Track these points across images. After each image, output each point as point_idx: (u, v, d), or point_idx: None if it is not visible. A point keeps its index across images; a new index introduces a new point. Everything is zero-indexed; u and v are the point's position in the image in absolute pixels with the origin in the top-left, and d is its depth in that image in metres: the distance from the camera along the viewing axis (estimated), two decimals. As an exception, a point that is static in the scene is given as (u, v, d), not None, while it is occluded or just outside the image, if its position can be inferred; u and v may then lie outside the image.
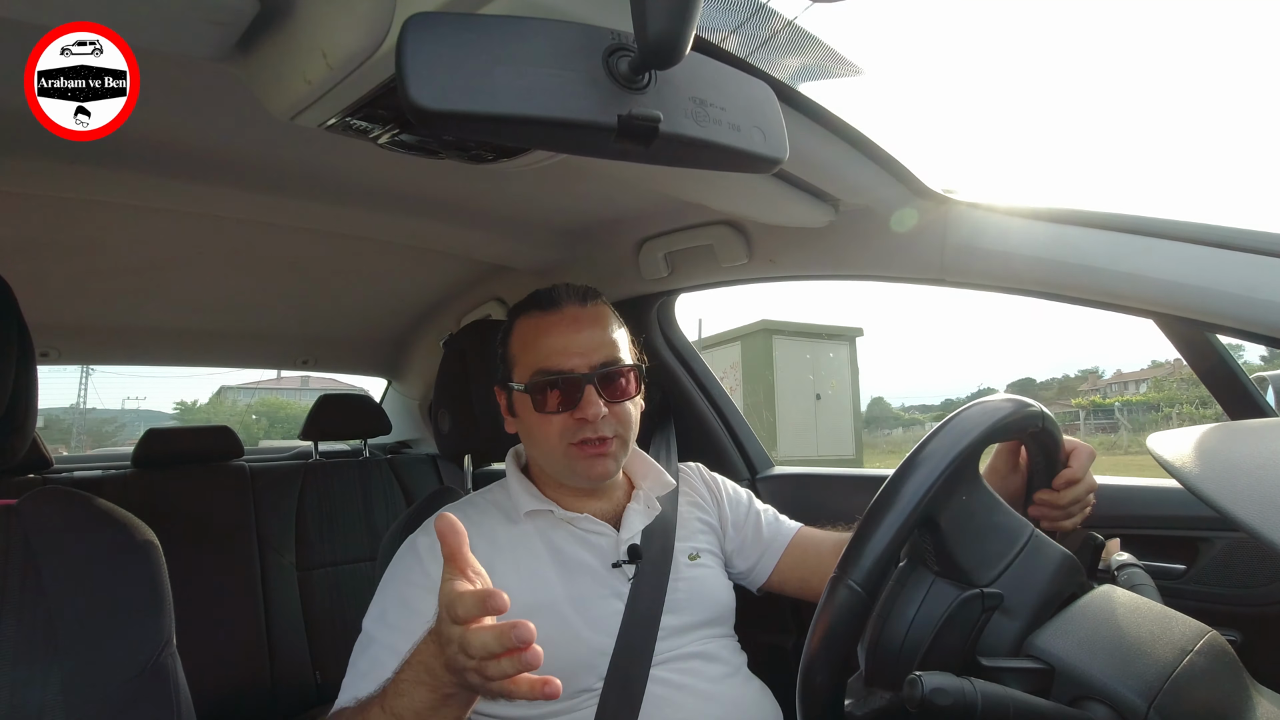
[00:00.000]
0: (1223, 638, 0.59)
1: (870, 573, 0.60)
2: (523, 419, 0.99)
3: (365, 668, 0.83)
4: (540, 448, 0.98)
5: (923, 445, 0.66)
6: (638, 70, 0.51)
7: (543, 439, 0.96)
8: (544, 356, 0.95)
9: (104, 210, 1.22)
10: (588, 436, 0.93)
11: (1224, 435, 0.59)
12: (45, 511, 0.80)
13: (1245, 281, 0.81)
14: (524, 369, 0.97)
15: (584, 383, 0.93)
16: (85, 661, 0.74)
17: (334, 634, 1.93)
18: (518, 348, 1.00)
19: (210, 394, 29.59)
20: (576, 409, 0.93)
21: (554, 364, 0.94)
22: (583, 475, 0.96)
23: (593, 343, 0.96)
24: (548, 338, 0.96)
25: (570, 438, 0.94)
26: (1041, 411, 0.74)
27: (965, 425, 0.67)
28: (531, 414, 0.96)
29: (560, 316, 0.97)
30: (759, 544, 1.12)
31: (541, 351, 0.96)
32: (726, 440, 1.62)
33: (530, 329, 0.99)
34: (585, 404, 0.92)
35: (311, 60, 0.64)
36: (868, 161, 0.98)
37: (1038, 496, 0.82)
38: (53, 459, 1.92)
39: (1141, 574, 0.73)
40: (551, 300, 0.99)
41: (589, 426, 0.93)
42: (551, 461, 0.98)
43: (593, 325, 0.98)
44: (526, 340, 0.98)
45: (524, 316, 1.01)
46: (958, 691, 0.50)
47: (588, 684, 0.92)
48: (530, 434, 0.99)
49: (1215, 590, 0.98)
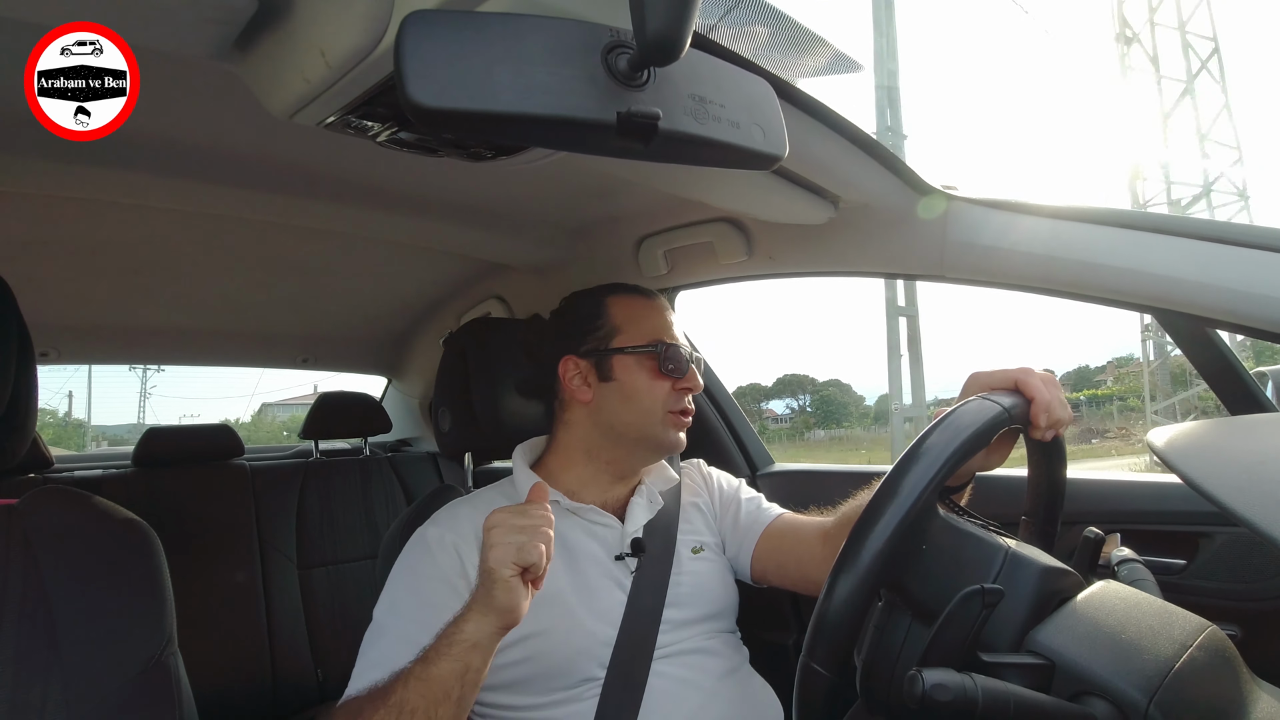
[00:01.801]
0: (1223, 633, 0.59)
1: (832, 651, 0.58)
2: (625, 382, 1.03)
3: (377, 657, 0.84)
4: (641, 409, 1.03)
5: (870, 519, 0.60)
6: (637, 68, 0.51)
7: (650, 400, 1.03)
8: (659, 330, 1.05)
9: (103, 210, 1.22)
10: (686, 407, 1.04)
11: (1224, 430, 0.59)
12: (46, 511, 0.80)
13: (1245, 276, 0.81)
14: (638, 336, 1.04)
15: (690, 359, 1.04)
16: (86, 660, 0.75)
17: (335, 632, 1.93)
18: (622, 318, 1.06)
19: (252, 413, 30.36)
20: (683, 379, 1.03)
21: (671, 337, 1.05)
22: (672, 439, 1.04)
23: (681, 333, 1.09)
24: (657, 317, 1.07)
25: (672, 405, 1.03)
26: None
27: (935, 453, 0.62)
28: (646, 375, 1.03)
29: (659, 305, 1.10)
30: (737, 532, 1.12)
31: (655, 325, 1.06)
32: (727, 437, 1.62)
33: (636, 306, 1.08)
34: (691, 376, 1.04)
35: (310, 58, 0.64)
36: (868, 158, 0.98)
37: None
38: (53, 458, 1.93)
39: (1141, 569, 0.73)
40: (644, 290, 1.11)
41: (688, 396, 1.04)
42: (650, 423, 1.03)
43: (676, 320, 1.10)
44: (634, 314, 1.07)
45: (620, 295, 1.09)
46: (958, 687, 0.50)
47: (591, 673, 0.93)
48: (634, 395, 1.03)
49: (1215, 585, 0.98)
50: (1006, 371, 0.76)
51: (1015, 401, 0.71)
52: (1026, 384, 0.73)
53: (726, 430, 1.63)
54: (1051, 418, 0.73)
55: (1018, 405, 0.71)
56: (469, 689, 0.76)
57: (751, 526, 1.11)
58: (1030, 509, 0.81)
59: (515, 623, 0.77)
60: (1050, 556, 0.66)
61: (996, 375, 0.76)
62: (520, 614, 0.77)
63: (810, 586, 1.01)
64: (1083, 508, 1.07)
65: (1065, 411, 0.74)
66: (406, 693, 0.75)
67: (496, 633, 0.77)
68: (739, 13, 0.71)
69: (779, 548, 1.08)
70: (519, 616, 0.77)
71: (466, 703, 0.76)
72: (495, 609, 0.76)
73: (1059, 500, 0.80)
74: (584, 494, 1.04)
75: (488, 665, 0.78)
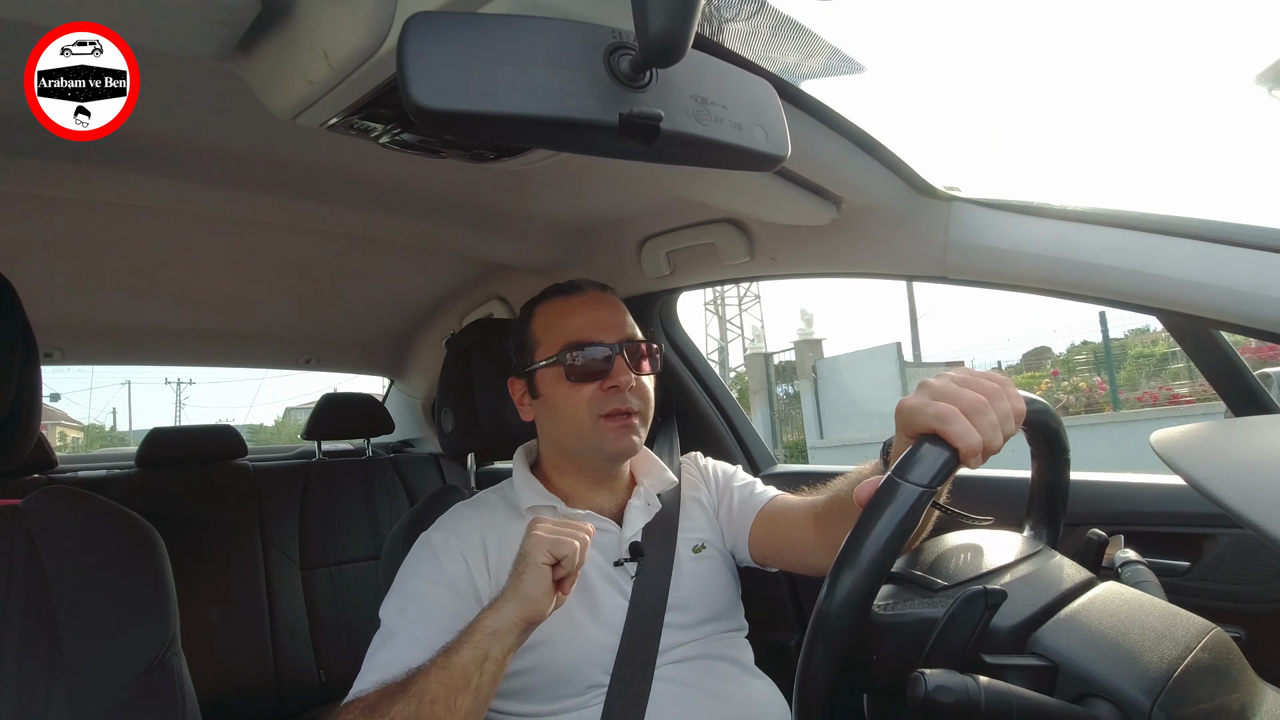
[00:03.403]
0: (1227, 635, 0.59)
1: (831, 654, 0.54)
2: (549, 397, 1.00)
3: (386, 659, 0.84)
4: (568, 423, 0.99)
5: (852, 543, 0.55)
6: (639, 69, 0.51)
7: (572, 412, 0.98)
8: (573, 331, 0.99)
9: (108, 211, 1.22)
10: (617, 408, 0.97)
11: (1228, 431, 0.59)
12: (50, 511, 0.80)
13: (1250, 278, 0.81)
14: (552, 345, 1.00)
15: (613, 353, 0.97)
16: (90, 660, 0.75)
17: (338, 633, 1.93)
18: (541, 330, 1.03)
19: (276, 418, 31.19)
20: (607, 378, 0.97)
21: (584, 336, 0.98)
22: (610, 448, 0.98)
23: (616, 320, 1.01)
24: (575, 316, 1.01)
25: (600, 409, 0.97)
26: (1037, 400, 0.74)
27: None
28: (561, 388, 0.98)
29: (585, 298, 1.03)
30: (733, 519, 1.10)
31: (570, 327, 1.00)
32: (729, 438, 1.62)
33: (555, 311, 1.03)
34: (616, 372, 0.97)
35: (313, 60, 0.64)
36: (870, 159, 0.98)
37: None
38: (57, 459, 1.93)
39: (1145, 571, 0.72)
40: (574, 286, 1.05)
41: (618, 397, 0.96)
42: (580, 436, 0.99)
43: (614, 308, 1.04)
44: (552, 321, 1.02)
45: (546, 302, 1.05)
46: (961, 689, 0.50)
47: (596, 679, 0.92)
48: (557, 410, 1.00)
49: (1219, 587, 0.98)
50: (935, 411, 0.60)
51: (937, 464, 0.57)
52: (948, 434, 0.58)
53: (729, 430, 1.63)
54: (984, 457, 0.60)
55: (943, 465, 0.58)
56: (487, 681, 0.75)
57: (746, 512, 1.09)
58: (1034, 510, 0.81)
59: (536, 617, 0.78)
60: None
61: (920, 416, 0.61)
62: (542, 608, 0.78)
63: (806, 569, 1.00)
64: (1086, 509, 1.06)
65: (997, 440, 0.60)
66: (427, 682, 0.75)
67: (517, 623, 0.77)
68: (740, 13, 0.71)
69: (773, 532, 1.05)
70: (541, 611, 0.78)
71: (483, 695, 0.76)
72: (520, 595, 0.77)
73: (1062, 501, 0.80)
74: (579, 499, 1.03)
75: (506, 659, 0.78)
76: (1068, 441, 0.78)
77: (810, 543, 0.97)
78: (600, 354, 0.97)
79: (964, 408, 0.59)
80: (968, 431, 0.58)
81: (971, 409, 0.59)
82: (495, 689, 0.77)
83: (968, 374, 0.64)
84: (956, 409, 0.59)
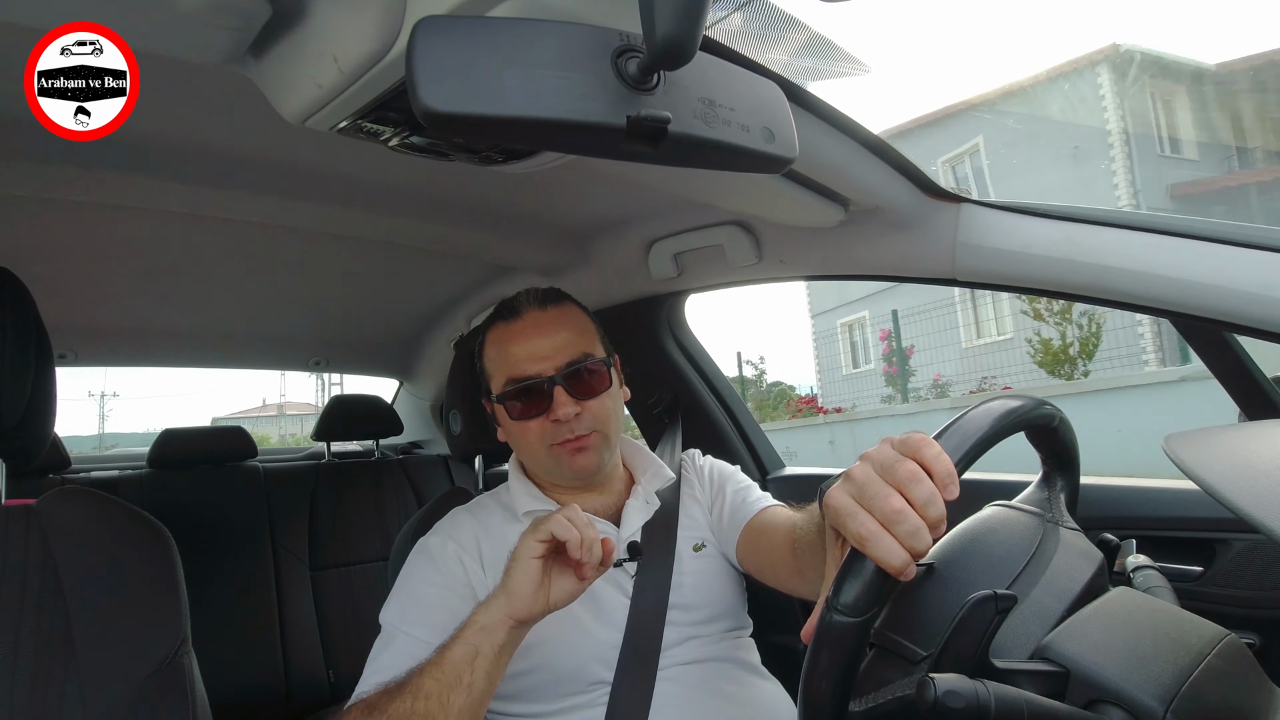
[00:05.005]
0: (1240, 641, 0.58)
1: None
2: (505, 427, 1.02)
3: (387, 662, 0.85)
4: (526, 453, 1.02)
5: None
6: (646, 71, 0.51)
7: (525, 445, 1.00)
8: (511, 365, 0.98)
9: (120, 214, 1.24)
10: (566, 437, 0.96)
11: (1242, 435, 0.58)
12: (63, 511, 0.81)
13: (1261, 279, 0.80)
14: (498, 379, 1.00)
15: (552, 385, 0.95)
16: (102, 658, 0.75)
17: (347, 633, 1.94)
18: (489, 360, 1.02)
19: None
20: (549, 412, 0.95)
21: (520, 371, 0.97)
22: (568, 471, 0.98)
23: (556, 345, 0.97)
24: (512, 346, 0.99)
25: (550, 439, 0.97)
26: (1054, 409, 0.73)
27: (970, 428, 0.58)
28: (511, 423, 0.99)
29: (523, 324, 1.00)
30: (722, 525, 1.08)
31: (509, 361, 0.98)
32: (737, 441, 1.62)
33: (497, 339, 1.02)
34: (556, 405, 0.95)
35: (323, 64, 0.64)
36: (878, 161, 0.97)
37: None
38: (71, 459, 1.95)
39: (1158, 576, 0.72)
40: (512, 309, 1.01)
41: (564, 427, 0.95)
42: (538, 464, 1.02)
43: (556, 327, 0.99)
44: (495, 352, 1.01)
45: (491, 329, 1.03)
46: (971, 694, 0.49)
47: (599, 676, 0.93)
48: (514, 441, 1.02)
49: (1233, 593, 0.97)
50: (855, 530, 0.53)
51: (870, 590, 0.52)
52: (872, 556, 0.52)
53: (737, 434, 1.62)
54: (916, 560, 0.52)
55: (876, 590, 0.52)
56: (480, 678, 0.75)
57: (735, 521, 1.07)
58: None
59: (524, 614, 0.76)
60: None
61: (843, 530, 0.54)
62: (529, 605, 0.76)
63: (786, 591, 0.97)
64: (1098, 513, 1.05)
65: (922, 544, 0.52)
66: (422, 679, 0.75)
67: (503, 619, 0.76)
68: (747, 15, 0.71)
69: (757, 548, 1.02)
70: (528, 608, 0.76)
71: (477, 693, 0.75)
72: (506, 590, 0.77)
73: (1072, 506, 0.79)
74: (575, 500, 1.02)
75: (500, 658, 0.77)
76: (1077, 447, 0.78)
77: (788, 567, 0.93)
78: (538, 388, 0.95)
79: (883, 519, 0.52)
80: (889, 552, 0.51)
81: (889, 519, 0.52)
82: (491, 688, 0.77)
83: (888, 455, 0.55)
84: (876, 526, 0.52)
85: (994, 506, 0.75)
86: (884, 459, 0.55)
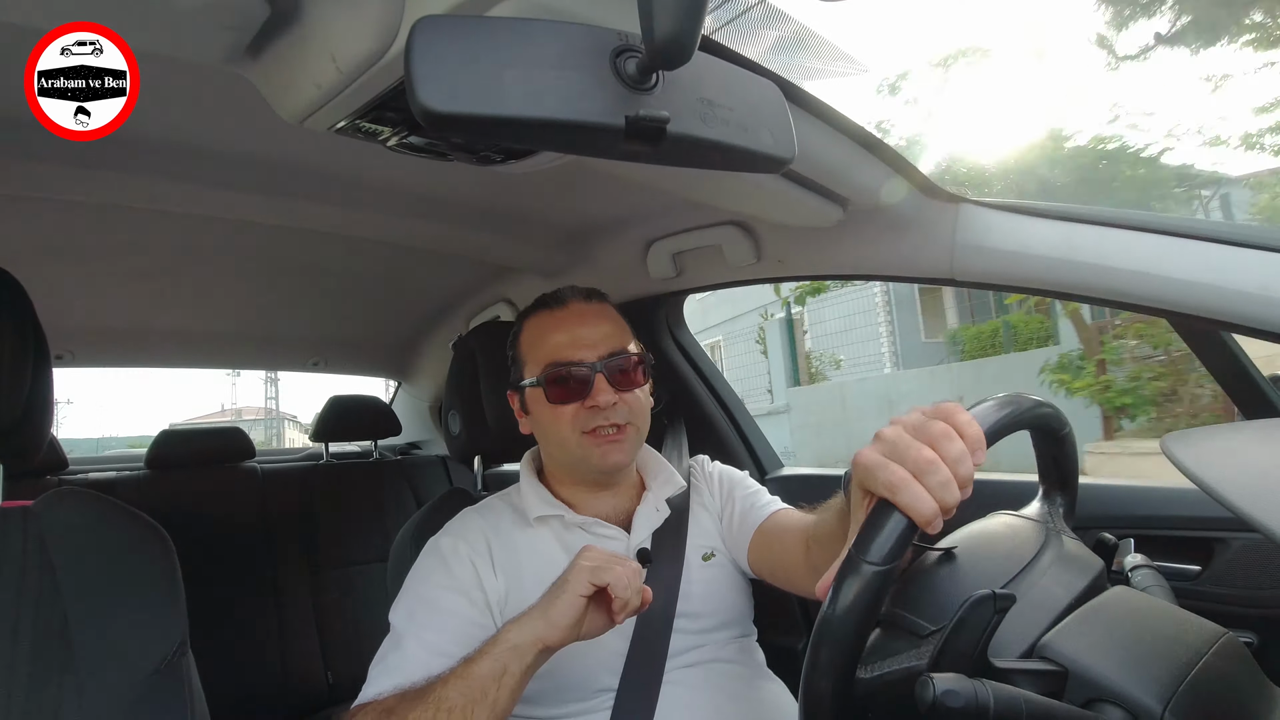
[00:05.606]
0: (1238, 640, 0.58)
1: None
2: (536, 415, 1.01)
3: (396, 663, 0.85)
4: (555, 440, 1.00)
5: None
6: (645, 71, 0.51)
7: (556, 431, 0.98)
8: (553, 350, 0.98)
9: (118, 214, 1.23)
10: (600, 424, 0.96)
11: (1240, 435, 0.58)
12: (61, 512, 0.81)
13: (1260, 280, 0.80)
14: (535, 365, 0.99)
15: (593, 372, 0.96)
16: (100, 660, 0.75)
17: (345, 634, 1.94)
18: (527, 347, 1.02)
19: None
20: (588, 398, 0.95)
21: (564, 356, 0.97)
22: (597, 464, 0.97)
23: (599, 335, 0.99)
24: (556, 333, 0.99)
25: (583, 426, 0.96)
26: (1067, 420, 0.73)
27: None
28: (545, 407, 0.98)
29: (567, 312, 1.01)
30: (733, 530, 1.09)
31: (551, 346, 0.99)
32: (736, 441, 1.62)
33: (538, 327, 1.02)
34: (596, 392, 0.95)
35: (321, 64, 0.64)
36: (876, 161, 0.97)
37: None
38: (68, 460, 1.95)
39: (1156, 576, 0.72)
40: (557, 299, 1.03)
41: (600, 414, 0.96)
42: (567, 453, 0.99)
43: (598, 320, 1.01)
44: (535, 338, 1.01)
45: (531, 317, 1.04)
46: (970, 693, 0.49)
47: (605, 683, 0.92)
48: (544, 428, 1.01)
49: (1231, 592, 0.97)
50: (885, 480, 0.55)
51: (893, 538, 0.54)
52: (899, 504, 0.54)
53: (735, 433, 1.62)
54: (945, 515, 0.54)
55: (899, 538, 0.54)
56: (505, 695, 0.75)
57: (746, 526, 1.07)
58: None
59: (555, 642, 0.77)
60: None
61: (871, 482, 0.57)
62: (563, 636, 0.77)
63: (798, 592, 0.98)
64: (1095, 512, 1.06)
65: (951, 498, 0.54)
66: (446, 690, 0.75)
67: (535, 643, 0.76)
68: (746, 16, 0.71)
69: (770, 551, 1.03)
70: (561, 639, 0.77)
71: (500, 710, 0.75)
72: (547, 618, 0.77)
73: (1071, 505, 0.79)
74: (585, 507, 1.03)
75: (525, 676, 0.77)
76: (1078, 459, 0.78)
77: (801, 566, 0.94)
78: (580, 374, 0.96)
79: (914, 469, 0.54)
80: (919, 500, 0.53)
81: (921, 469, 0.54)
82: (512, 705, 0.77)
83: (918, 418, 0.58)
84: (907, 475, 0.54)
85: (1000, 514, 0.76)
86: (915, 421, 0.58)
